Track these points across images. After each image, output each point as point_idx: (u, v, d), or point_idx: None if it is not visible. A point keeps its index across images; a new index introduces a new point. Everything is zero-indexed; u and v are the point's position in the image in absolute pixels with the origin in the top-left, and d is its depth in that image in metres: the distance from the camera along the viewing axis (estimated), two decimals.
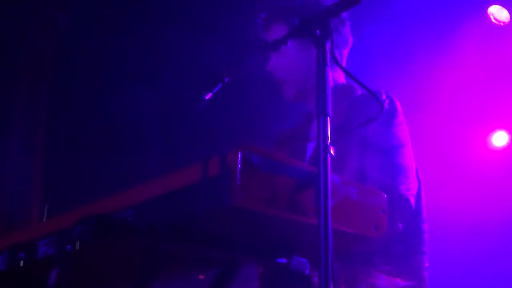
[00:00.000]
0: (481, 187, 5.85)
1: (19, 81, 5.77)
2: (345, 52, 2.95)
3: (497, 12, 5.73)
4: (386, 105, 2.72)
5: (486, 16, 5.72)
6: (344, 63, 2.93)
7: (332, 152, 1.83)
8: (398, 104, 2.77)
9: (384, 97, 2.76)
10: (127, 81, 5.74)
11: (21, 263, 2.00)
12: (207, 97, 2.39)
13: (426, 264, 2.71)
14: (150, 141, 5.98)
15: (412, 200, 2.65)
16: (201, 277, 3.72)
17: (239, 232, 1.83)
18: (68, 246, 1.80)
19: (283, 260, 1.92)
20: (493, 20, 5.72)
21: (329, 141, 1.84)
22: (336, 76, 2.92)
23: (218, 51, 4.97)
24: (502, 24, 5.73)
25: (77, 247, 1.77)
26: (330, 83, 1.92)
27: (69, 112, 5.78)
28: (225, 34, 5.40)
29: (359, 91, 2.88)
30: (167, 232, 1.76)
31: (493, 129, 6.10)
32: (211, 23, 5.78)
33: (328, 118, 1.87)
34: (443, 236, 5.78)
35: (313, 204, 1.76)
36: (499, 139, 6.09)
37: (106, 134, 5.87)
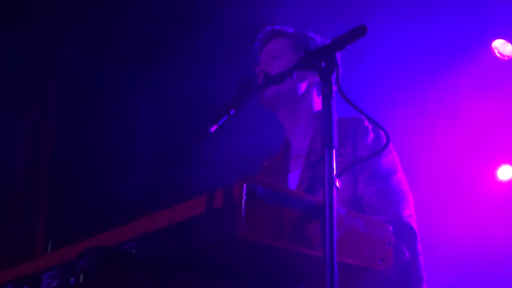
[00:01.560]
0: (488, 219, 5.84)
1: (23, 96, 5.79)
2: None
3: (501, 47, 5.75)
4: (370, 131, 2.73)
5: (490, 51, 5.74)
6: None
7: (337, 184, 1.83)
8: (380, 131, 2.76)
9: (366, 123, 2.76)
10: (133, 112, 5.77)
11: None
12: (212, 130, 2.39)
13: None
14: (154, 171, 5.99)
15: (416, 228, 2.63)
16: None
17: (244, 264, 1.81)
18: (72, 279, 1.79)
19: None
20: (497, 54, 5.74)
21: (334, 173, 1.84)
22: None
23: (220, 87, 4.98)
24: (506, 58, 5.75)
25: (81, 280, 1.76)
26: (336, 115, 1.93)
27: (73, 143, 5.80)
28: (228, 67, 5.43)
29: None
30: (172, 264, 1.75)
31: (498, 163, 6.11)
32: (214, 56, 5.81)
33: (334, 150, 1.87)
34: (450, 268, 5.75)
35: (319, 236, 1.75)
36: (504, 173, 6.11)
37: (108, 162, 5.89)
